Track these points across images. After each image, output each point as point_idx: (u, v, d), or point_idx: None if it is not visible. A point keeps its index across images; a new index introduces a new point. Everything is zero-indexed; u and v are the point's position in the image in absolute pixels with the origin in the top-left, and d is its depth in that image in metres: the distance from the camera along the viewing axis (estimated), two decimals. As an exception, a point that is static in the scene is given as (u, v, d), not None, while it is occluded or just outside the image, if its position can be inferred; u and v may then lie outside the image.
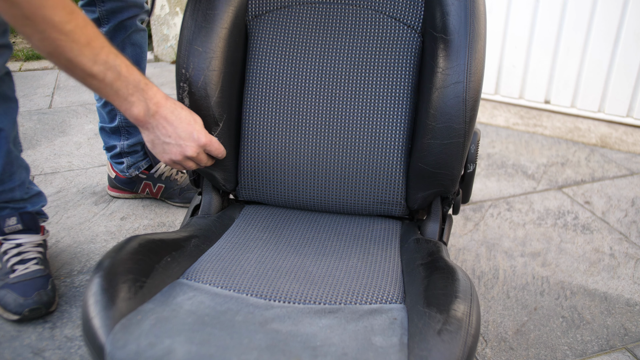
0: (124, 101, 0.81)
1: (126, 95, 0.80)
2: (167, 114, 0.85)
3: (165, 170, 1.65)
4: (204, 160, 0.93)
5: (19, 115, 2.16)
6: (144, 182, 1.64)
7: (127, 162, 1.61)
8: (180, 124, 0.86)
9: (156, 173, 1.64)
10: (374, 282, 0.82)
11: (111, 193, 1.70)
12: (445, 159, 0.92)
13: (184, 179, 1.66)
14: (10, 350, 1.11)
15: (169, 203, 1.67)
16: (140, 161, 1.63)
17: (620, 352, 1.18)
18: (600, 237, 1.59)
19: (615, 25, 2.19)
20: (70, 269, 1.36)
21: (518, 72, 2.43)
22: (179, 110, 0.87)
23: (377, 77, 1.00)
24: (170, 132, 0.86)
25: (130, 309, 0.70)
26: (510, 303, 1.31)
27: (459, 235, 1.57)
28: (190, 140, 0.87)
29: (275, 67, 1.02)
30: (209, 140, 0.91)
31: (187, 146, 0.88)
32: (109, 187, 1.70)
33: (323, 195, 1.04)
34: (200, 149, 0.90)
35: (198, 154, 0.90)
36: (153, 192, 1.65)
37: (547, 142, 2.19)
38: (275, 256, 0.90)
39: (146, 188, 1.65)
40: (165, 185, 1.65)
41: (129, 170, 1.62)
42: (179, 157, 0.88)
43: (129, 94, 0.81)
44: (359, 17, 1.01)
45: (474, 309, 0.71)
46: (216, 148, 0.93)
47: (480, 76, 0.89)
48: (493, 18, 2.37)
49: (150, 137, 0.87)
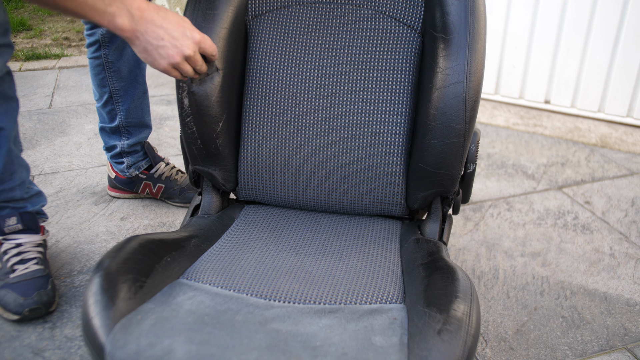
0: (104, 14, 0.76)
1: (104, 7, 0.76)
2: (154, 16, 0.80)
3: (165, 170, 1.65)
4: (199, 61, 0.87)
5: (19, 115, 2.17)
6: (143, 182, 1.64)
7: (127, 161, 1.61)
8: (170, 24, 0.81)
9: (156, 173, 1.64)
10: (374, 282, 0.82)
11: (111, 193, 1.70)
12: (445, 159, 0.92)
13: (184, 178, 1.66)
14: (10, 350, 1.11)
15: (169, 203, 1.67)
16: (140, 161, 1.62)
17: (620, 352, 1.18)
18: (600, 237, 1.59)
19: (615, 25, 2.19)
20: (70, 269, 1.36)
21: (518, 72, 2.43)
22: (164, 11, 0.82)
23: (377, 77, 1.00)
24: (161, 34, 0.81)
25: (130, 309, 0.70)
26: (510, 303, 1.31)
27: (459, 235, 1.57)
28: (185, 38, 0.82)
29: (275, 67, 1.02)
30: (202, 36, 0.85)
31: (183, 45, 0.82)
32: (109, 187, 1.70)
33: (323, 195, 1.04)
34: (196, 47, 0.85)
35: (195, 53, 0.85)
36: (153, 192, 1.65)
37: (547, 142, 2.19)
38: (275, 256, 0.90)
39: (146, 188, 1.65)
40: (165, 185, 1.64)
41: (129, 170, 1.62)
42: (178, 58, 0.83)
43: (106, 5, 0.76)
44: (359, 17, 1.01)
45: (474, 309, 0.71)
46: (209, 45, 0.87)
47: (480, 76, 0.90)
48: (493, 18, 2.37)
49: (142, 45, 0.82)
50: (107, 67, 1.48)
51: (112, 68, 1.48)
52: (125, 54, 1.48)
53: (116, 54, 1.47)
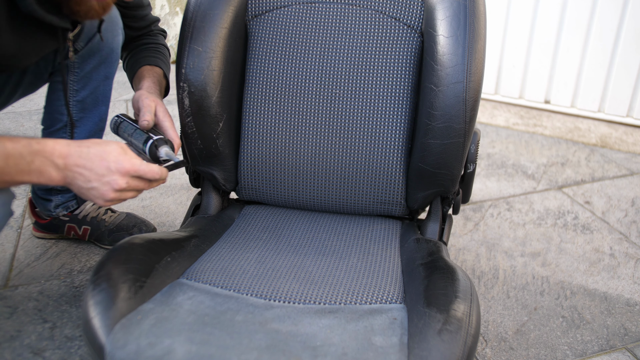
0: (30, 173, 0.74)
1: (28, 166, 0.73)
2: (76, 160, 0.76)
3: (91, 211, 1.43)
4: (141, 185, 0.80)
5: (19, 115, 2.17)
6: (67, 224, 1.42)
7: (55, 200, 1.39)
8: (93, 163, 0.77)
9: (80, 214, 1.42)
10: (374, 282, 0.82)
11: (36, 234, 1.47)
12: (445, 159, 0.92)
13: (113, 218, 1.43)
14: (10, 350, 1.11)
15: (99, 246, 1.45)
16: (70, 201, 1.41)
17: (620, 352, 1.18)
18: (600, 237, 1.59)
19: (615, 25, 2.19)
20: (70, 269, 1.36)
21: (518, 72, 2.43)
22: (85, 150, 0.77)
23: (377, 76, 1.00)
24: (88, 175, 0.77)
25: (130, 309, 0.70)
26: (510, 303, 1.31)
27: (459, 235, 1.57)
28: (110, 173, 0.77)
29: (275, 67, 1.02)
30: (131, 165, 0.78)
31: (111, 180, 0.77)
32: (33, 228, 1.47)
33: (323, 195, 1.04)
34: (128, 177, 0.78)
35: (128, 183, 0.78)
36: (79, 234, 1.43)
37: (547, 142, 2.19)
38: (275, 256, 0.90)
39: (71, 231, 1.43)
40: (92, 227, 1.42)
41: (57, 210, 1.40)
42: (111, 194, 0.78)
43: (29, 163, 0.73)
44: (359, 17, 1.01)
45: (474, 309, 0.71)
46: (147, 171, 0.79)
47: (480, 76, 0.90)
48: (493, 18, 2.37)
49: (76, 189, 0.78)
50: (71, 94, 1.26)
51: (75, 97, 1.27)
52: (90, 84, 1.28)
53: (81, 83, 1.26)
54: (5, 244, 1.43)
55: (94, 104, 1.28)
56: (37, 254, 1.40)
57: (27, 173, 0.74)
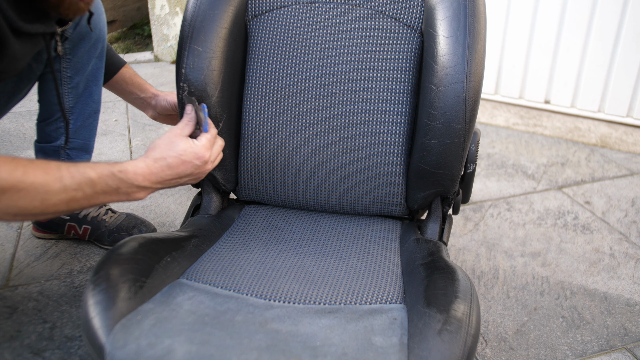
0: (120, 196, 0.79)
1: (116, 192, 0.78)
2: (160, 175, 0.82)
3: (92, 210, 1.42)
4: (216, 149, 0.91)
5: (19, 115, 2.16)
6: (67, 223, 1.42)
7: None
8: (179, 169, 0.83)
9: (81, 213, 1.42)
10: (374, 282, 0.82)
11: (36, 234, 1.47)
12: (445, 159, 0.92)
13: (114, 219, 1.43)
14: (10, 350, 1.11)
15: (99, 246, 1.45)
16: None
17: (620, 352, 1.18)
18: (600, 237, 1.59)
19: (615, 25, 2.19)
20: (70, 269, 1.36)
21: (518, 72, 2.42)
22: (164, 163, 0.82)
23: (377, 76, 1.00)
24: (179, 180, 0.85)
25: (130, 309, 0.70)
26: (510, 303, 1.31)
27: (459, 235, 1.57)
28: (197, 168, 0.85)
29: (275, 67, 1.02)
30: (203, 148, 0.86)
31: (200, 173, 0.87)
32: (33, 227, 1.47)
33: (323, 195, 1.04)
34: (210, 164, 0.89)
35: (213, 165, 0.90)
36: (79, 233, 1.43)
37: (547, 142, 2.19)
38: (275, 256, 0.90)
39: (71, 230, 1.43)
40: (92, 227, 1.42)
41: None
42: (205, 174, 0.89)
43: (116, 189, 0.78)
44: (359, 17, 1.01)
45: (474, 309, 0.71)
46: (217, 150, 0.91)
47: (480, 76, 0.90)
48: (493, 18, 2.37)
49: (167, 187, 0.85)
50: (65, 82, 1.26)
51: (69, 84, 1.27)
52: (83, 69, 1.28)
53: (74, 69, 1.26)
54: (5, 244, 1.43)
55: (85, 87, 1.30)
56: (37, 254, 1.40)
57: (115, 196, 0.79)
